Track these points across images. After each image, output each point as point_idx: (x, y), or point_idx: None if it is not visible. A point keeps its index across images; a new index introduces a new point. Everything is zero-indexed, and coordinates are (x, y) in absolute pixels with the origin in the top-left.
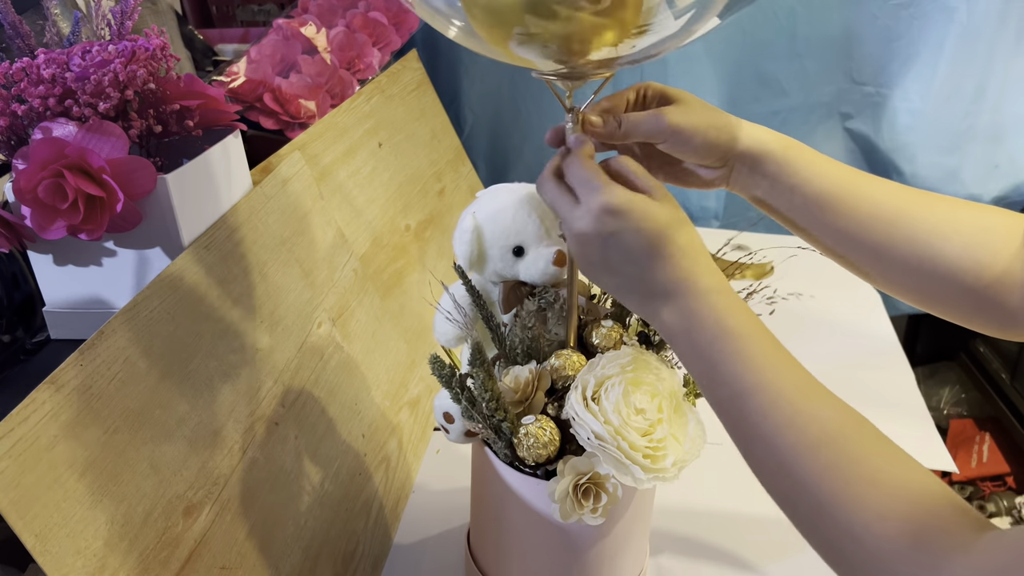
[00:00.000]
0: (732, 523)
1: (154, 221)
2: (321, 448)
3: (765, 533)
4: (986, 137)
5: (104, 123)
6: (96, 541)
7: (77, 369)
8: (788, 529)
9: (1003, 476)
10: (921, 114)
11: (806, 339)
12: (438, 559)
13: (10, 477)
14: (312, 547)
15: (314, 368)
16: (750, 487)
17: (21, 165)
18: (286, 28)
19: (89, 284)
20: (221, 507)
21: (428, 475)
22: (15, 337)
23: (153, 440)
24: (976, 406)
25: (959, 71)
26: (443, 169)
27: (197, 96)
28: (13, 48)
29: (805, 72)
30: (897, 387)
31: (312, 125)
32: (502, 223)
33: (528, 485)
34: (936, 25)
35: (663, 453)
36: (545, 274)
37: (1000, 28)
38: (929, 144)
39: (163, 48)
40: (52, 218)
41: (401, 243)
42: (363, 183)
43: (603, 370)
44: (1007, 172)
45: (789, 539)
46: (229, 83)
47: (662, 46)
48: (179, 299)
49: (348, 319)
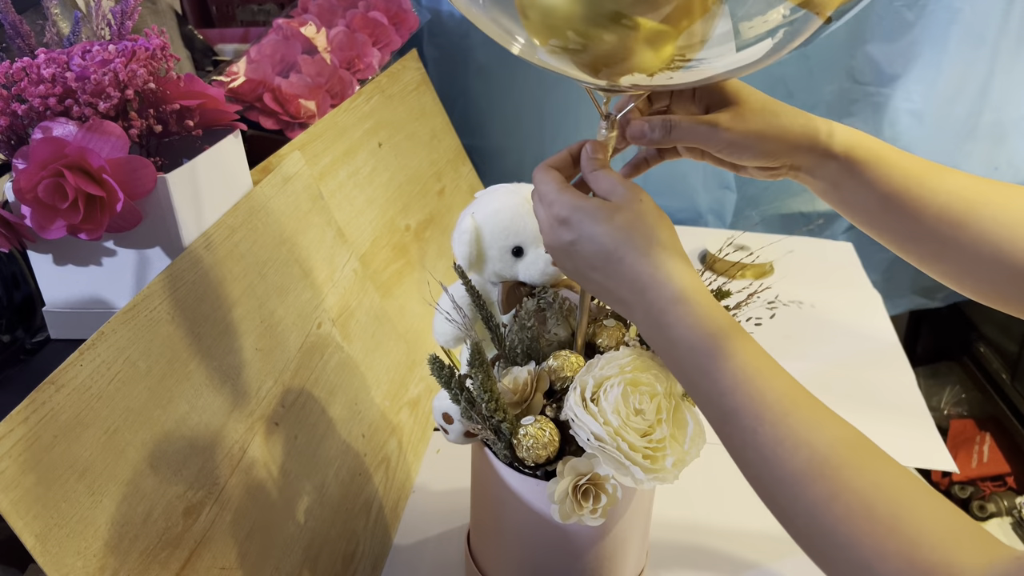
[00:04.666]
0: (732, 523)
1: (154, 221)
2: (321, 448)
3: (765, 533)
4: (987, 138)
5: (104, 123)
6: (96, 541)
7: (77, 369)
8: None
9: (1003, 476)
10: (923, 114)
11: (806, 339)
12: (438, 559)
13: (10, 477)
14: (312, 547)
15: (314, 368)
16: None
17: (21, 165)
18: (286, 28)
19: (89, 284)
20: (221, 507)
21: (428, 475)
22: (15, 337)
23: (153, 440)
24: (976, 406)
25: (961, 71)
26: (443, 169)
27: (197, 96)
28: (13, 48)
29: (811, 73)
30: (897, 387)
31: (312, 125)
32: (501, 223)
33: (528, 486)
34: (939, 25)
35: (663, 454)
36: (544, 274)
37: (1003, 29)
38: (930, 145)
39: (163, 48)
40: (52, 218)
41: (401, 243)
42: (363, 183)
43: (602, 371)
44: (1007, 173)
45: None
46: (229, 83)
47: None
48: (179, 299)
49: (348, 319)
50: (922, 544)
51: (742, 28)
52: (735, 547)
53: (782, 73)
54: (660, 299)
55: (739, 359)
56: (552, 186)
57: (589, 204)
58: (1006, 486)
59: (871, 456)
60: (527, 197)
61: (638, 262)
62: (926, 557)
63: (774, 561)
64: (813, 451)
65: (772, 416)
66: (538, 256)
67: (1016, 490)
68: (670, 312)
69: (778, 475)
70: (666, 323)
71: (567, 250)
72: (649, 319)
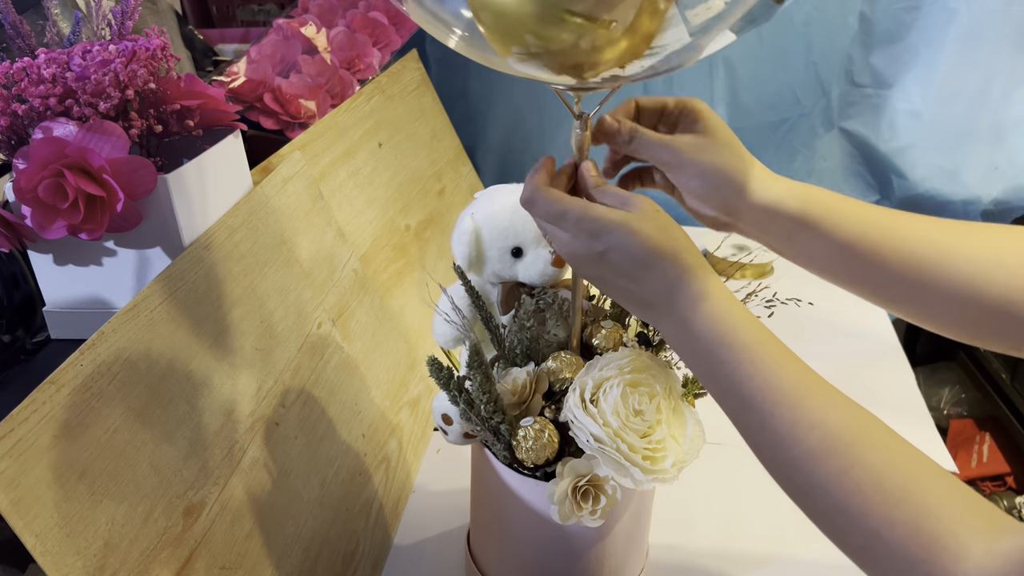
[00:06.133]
0: (732, 524)
1: (154, 221)
2: (321, 448)
3: (765, 534)
4: (986, 139)
5: (104, 123)
6: (96, 541)
7: (77, 369)
8: (787, 529)
9: (1003, 476)
10: (921, 116)
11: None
12: (438, 559)
13: (10, 477)
14: (312, 547)
15: (314, 368)
16: (750, 487)
17: (21, 165)
18: (286, 28)
19: (89, 284)
20: (221, 507)
21: (428, 475)
22: (15, 337)
23: (153, 440)
24: (976, 406)
25: (960, 72)
26: (443, 169)
27: (197, 96)
28: (14, 48)
29: (816, 77)
30: (897, 387)
31: (312, 125)
32: (500, 224)
33: (527, 486)
34: (936, 26)
35: (662, 454)
36: (544, 275)
37: (1001, 29)
38: (929, 146)
39: (163, 48)
40: (52, 218)
41: (401, 243)
42: (363, 183)
43: (601, 372)
44: (1007, 174)
45: (789, 539)
46: (229, 83)
47: (673, 62)
48: (179, 299)
49: (348, 319)
50: (929, 514)
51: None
52: (735, 548)
53: (788, 79)
54: (686, 299)
55: (758, 349)
56: (570, 201)
57: (617, 215)
58: (1006, 486)
59: (882, 434)
60: None
61: (668, 268)
62: (933, 527)
63: (774, 561)
64: (826, 430)
65: (788, 400)
66: (537, 257)
67: (1016, 490)
68: (695, 309)
69: (793, 454)
70: (690, 320)
71: (596, 260)
72: (674, 318)
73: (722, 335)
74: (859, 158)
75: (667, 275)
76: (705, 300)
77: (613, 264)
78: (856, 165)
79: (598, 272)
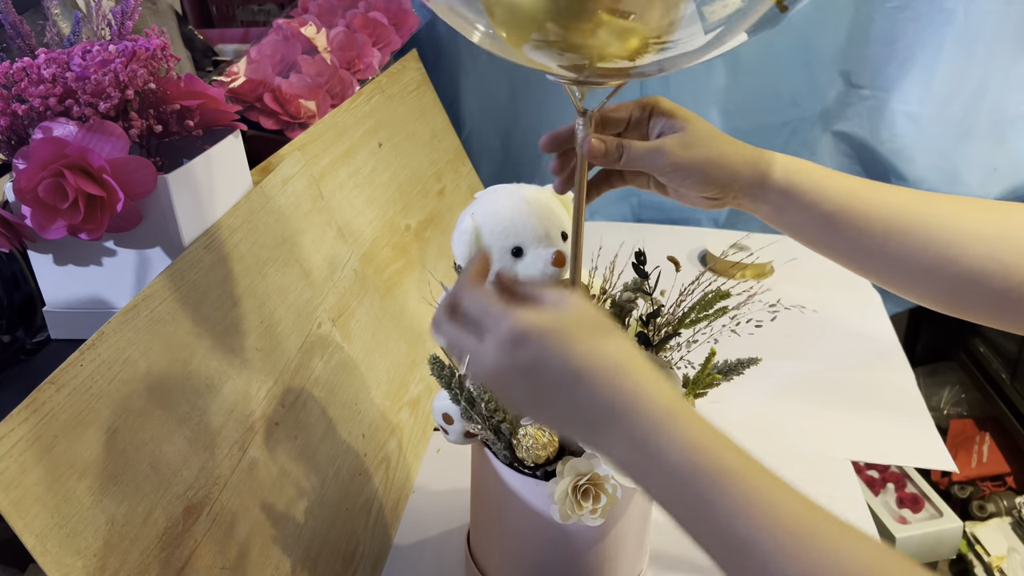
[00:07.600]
0: None
1: (154, 221)
2: (321, 448)
3: None
4: (985, 139)
5: (104, 123)
6: (96, 541)
7: (77, 369)
8: None
9: (1003, 476)
10: (919, 117)
11: (807, 339)
12: (438, 559)
13: (10, 477)
14: (312, 547)
15: (314, 368)
16: None
17: (21, 165)
18: (286, 28)
19: (89, 284)
20: (221, 507)
21: (428, 475)
22: (15, 337)
23: (153, 440)
24: (976, 406)
25: (957, 73)
26: (443, 169)
27: (197, 96)
28: (13, 48)
29: (812, 79)
30: (897, 387)
31: (312, 125)
32: (500, 224)
33: (527, 486)
34: (934, 27)
35: None
36: (544, 275)
37: (998, 30)
38: (928, 147)
39: (163, 48)
40: (52, 218)
41: (401, 243)
42: (363, 183)
43: None
44: (1006, 174)
45: None
46: (229, 83)
47: (683, 61)
48: (179, 299)
49: (348, 319)
50: None
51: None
52: None
53: (785, 81)
54: (646, 421)
55: (749, 482)
56: (493, 301)
57: (547, 316)
58: (1006, 486)
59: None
60: (527, 197)
61: (618, 379)
62: None
63: None
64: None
65: (793, 544)
66: (538, 257)
67: (1016, 490)
68: (661, 434)
69: None
70: (656, 446)
71: (525, 373)
72: (633, 444)
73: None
74: (857, 160)
75: (621, 389)
76: (671, 422)
77: (547, 375)
78: (854, 167)
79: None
